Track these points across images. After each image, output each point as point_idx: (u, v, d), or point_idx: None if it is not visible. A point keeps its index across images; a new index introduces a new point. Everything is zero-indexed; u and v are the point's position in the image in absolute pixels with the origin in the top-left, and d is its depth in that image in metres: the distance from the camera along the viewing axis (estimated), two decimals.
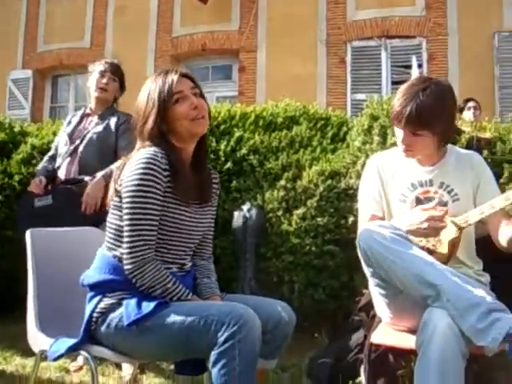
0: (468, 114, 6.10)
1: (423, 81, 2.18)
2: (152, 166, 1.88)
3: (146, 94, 1.99)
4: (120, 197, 1.93)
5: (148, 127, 1.96)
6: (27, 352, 3.01)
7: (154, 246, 1.91)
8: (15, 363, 3.28)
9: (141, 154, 1.91)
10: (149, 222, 1.88)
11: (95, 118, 3.48)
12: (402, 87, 2.20)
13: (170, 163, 1.92)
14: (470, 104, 6.29)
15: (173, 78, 1.99)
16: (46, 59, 11.01)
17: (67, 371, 3.15)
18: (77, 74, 10.89)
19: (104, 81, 3.46)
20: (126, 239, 1.90)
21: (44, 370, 3.11)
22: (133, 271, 1.88)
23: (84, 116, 3.54)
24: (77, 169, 3.37)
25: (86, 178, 3.26)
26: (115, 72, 3.51)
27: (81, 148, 3.38)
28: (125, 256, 1.90)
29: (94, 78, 3.50)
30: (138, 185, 1.87)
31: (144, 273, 1.88)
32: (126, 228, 1.90)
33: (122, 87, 3.58)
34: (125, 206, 1.90)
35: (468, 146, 3.04)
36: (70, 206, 3.04)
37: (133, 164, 1.90)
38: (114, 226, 1.97)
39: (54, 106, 11.32)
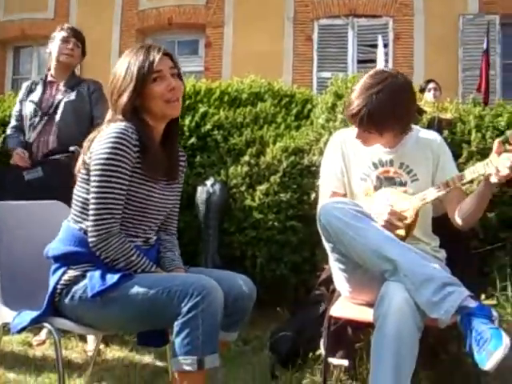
0: (429, 95, 6.22)
1: (379, 81, 2.21)
2: (122, 141, 1.88)
3: (124, 66, 1.97)
4: (88, 169, 1.94)
5: (122, 101, 1.95)
6: None
7: (119, 220, 1.92)
8: None
9: (111, 129, 1.91)
10: (115, 195, 1.90)
11: (62, 86, 3.42)
12: (358, 84, 2.25)
13: (140, 140, 1.93)
14: (431, 85, 6.42)
15: (154, 55, 1.97)
16: (8, 29, 10.74)
17: (30, 345, 3.16)
18: (39, 45, 10.64)
19: (70, 46, 3.39)
20: (91, 212, 1.91)
21: (7, 343, 3.11)
22: (97, 244, 1.90)
23: (47, 84, 3.46)
24: (55, 139, 3.33)
25: (71, 148, 3.22)
26: (78, 38, 3.45)
27: (57, 118, 3.32)
28: (89, 229, 1.91)
29: (56, 44, 3.42)
30: (107, 159, 1.87)
31: (108, 245, 1.90)
32: (92, 201, 1.91)
33: (84, 53, 3.53)
34: (92, 179, 1.91)
35: (429, 126, 3.10)
36: (61, 177, 2.97)
37: (103, 138, 1.90)
38: (80, 199, 1.98)
39: (16, 78, 11.08)
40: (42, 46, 10.43)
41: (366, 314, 2.09)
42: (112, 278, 1.86)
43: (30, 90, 3.48)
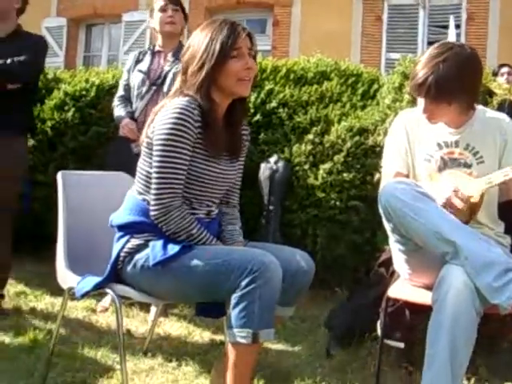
0: (501, 80, 6.00)
1: (444, 50, 2.16)
2: (184, 117, 1.90)
3: (205, 40, 1.96)
4: (151, 143, 1.97)
5: (200, 75, 1.95)
6: (57, 291, 3.12)
7: (180, 195, 1.95)
8: (45, 301, 3.41)
9: (175, 103, 1.93)
10: (177, 170, 1.92)
11: (170, 56, 3.37)
12: (424, 56, 2.20)
13: (203, 116, 1.94)
14: (504, 70, 6.19)
15: (239, 31, 1.97)
16: (81, 8, 10.98)
17: (93, 311, 3.26)
18: (110, 23, 10.89)
19: (169, 14, 3.34)
20: (153, 186, 1.94)
21: (72, 309, 3.23)
22: (158, 217, 1.94)
23: (155, 53, 3.42)
24: None
25: None
26: (176, 2, 3.39)
27: (165, 88, 3.27)
28: (151, 202, 1.95)
29: (156, 15, 3.38)
30: (169, 133, 1.90)
31: (169, 219, 1.93)
32: (153, 175, 1.94)
33: (186, 18, 3.46)
34: (155, 153, 1.94)
35: (499, 109, 3.01)
36: None
37: (166, 112, 1.93)
38: (143, 172, 2.02)
39: (88, 55, 11.35)
40: (113, 24, 10.68)
41: (424, 297, 2.07)
42: (173, 249, 1.90)
43: (138, 60, 3.45)
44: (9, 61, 2.99)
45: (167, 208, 1.93)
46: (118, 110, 3.41)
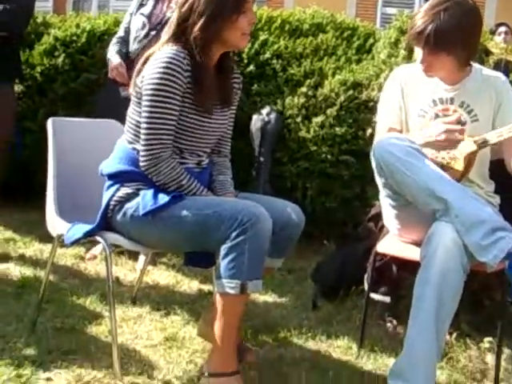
0: (498, 39, 5.94)
1: (446, 0, 2.12)
2: (173, 67, 1.87)
3: None
4: (139, 93, 1.95)
5: (205, 30, 1.90)
6: (46, 238, 3.13)
7: (170, 145, 1.94)
8: (34, 248, 3.41)
9: (163, 53, 1.90)
10: (165, 121, 1.91)
11: (173, 3, 3.24)
12: (424, 6, 2.15)
13: (195, 69, 1.91)
14: (502, 29, 6.12)
15: None
16: None
17: (82, 259, 3.27)
18: None
19: None
20: (142, 137, 1.93)
21: (61, 256, 3.24)
22: (148, 169, 1.93)
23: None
24: None
25: None
26: None
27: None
28: (141, 153, 1.94)
29: None
30: (158, 83, 1.88)
31: (158, 170, 1.92)
32: (142, 125, 1.93)
33: None
34: (143, 103, 1.92)
35: (495, 68, 2.99)
36: None
37: (155, 62, 1.90)
38: (133, 122, 2.00)
39: (77, 0, 11.10)
40: None
41: (412, 253, 2.09)
42: (163, 198, 1.89)
43: (141, 4, 3.38)
44: (0, 7, 2.91)
45: (157, 159, 1.91)
46: (111, 50, 3.36)
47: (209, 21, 1.90)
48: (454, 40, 2.09)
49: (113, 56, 3.33)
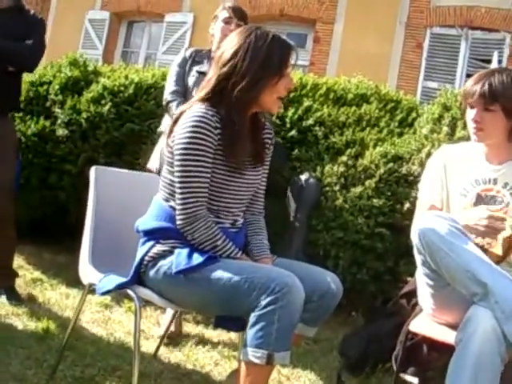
0: None
1: (501, 68, 2.16)
2: (202, 125, 1.88)
3: (261, 54, 1.90)
4: (172, 152, 1.95)
5: (246, 92, 1.90)
6: (72, 282, 3.13)
7: (204, 203, 1.93)
8: (60, 291, 3.40)
9: (192, 112, 1.91)
10: (199, 179, 1.90)
11: None
12: (477, 73, 2.19)
13: (226, 127, 1.91)
14: None
15: (290, 48, 1.95)
16: (124, 3, 11.05)
17: (107, 307, 3.25)
18: (152, 21, 10.95)
19: (232, 28, 3.21)
20: (177, 196, 1.93)
21: (85, 303, 3.20)
22: (184, 227, 1.92)
23: (211, 58, 3.30)
24: None
25: None
26: (241, 17, 3.35)
27: None
28: (177, 212, 1.93)
29: (218, 25, 3.33)
30: (188, 143, 1.88)
31: (194, 229, 1.91)
32: (177, 185, 1.93)
33: None
34: (176, 163, 1.92)
35: None
36: None
37: (184, 121, 1.91)
38: (167, 180, 2.01)
39: (126, 51, 11.42)
40: (154, 22, 10.74)
41: (446, 335, 2.02)
42: (198, 259, 1.88)
43: (194, 60, 3.34)
44: (20, 44, 2.99)
45: (194, 217, 1.91)
46: (175, 105, 3.21)
47: (252, 83, 1.90)
48: (508, 93, 2.11)
49: (173, 109, 3.22)
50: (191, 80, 3.28)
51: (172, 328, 2.87)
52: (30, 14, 3.20)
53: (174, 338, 2.90)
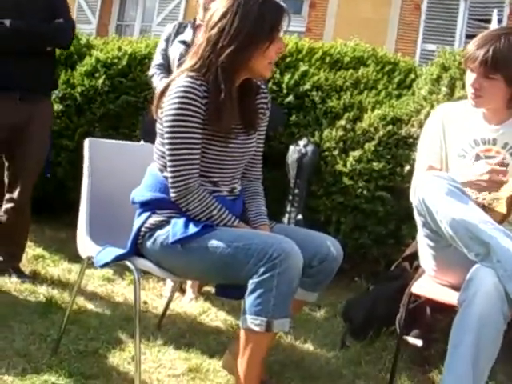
0: None
1: (506, 28, 2.08)
2: (189, 95, 1.84)
3: (252, 16, 1.85)
4: (162, 124, 1.92)
5: (235, 55, 1.85)
6: (74, 258, 3.12)
7: (196, 175, 1.90)
8: (62, 267, 3.40)
9: (179, 83, 1.87)
10: (189, 151, 1.88)
11: None
12: (481, 34, 2.11)
13: (212, 94, 1.86)
14: None
15: (283, 11, 1.89)
16: None
17: (109, 281, 3.25)
18: None
19: None
20: (168, 169, 1.91)
21: (88, 277, 3.22)
22: (177, 199, 1.91)
23: (196, 27, 3.29)
24: None
25: None
26: None
27: None
28: (170, 185, 1.91)
29: None
30: (176, 114, 1.85)
31: (188, 202, 1.90)
32: (167, 158, 1.90)
33: None
34: (165, 135, 1.90)
35: None
36: None
37: (171, 93, 1.87)
38: (159, 152, 1.98)
39: (121, 24, 11.31)
40: None
41: (449, 296, 2.01)
42: (194, 228, 1.86)
43: (178, 32, 3.35)
44: (53, 24, 3.02)
45: (185, 189, 1.89)
46: (157, 79, 3.30)
47: (240, 47, 1.85)
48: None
49: (160, 84, 3.29)
50: (173, 51, 3.28)
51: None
52: None
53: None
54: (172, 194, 1.91)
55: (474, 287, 1.82)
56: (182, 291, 3.16)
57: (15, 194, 3.10)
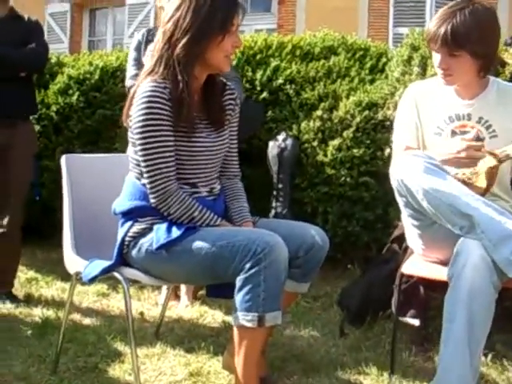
0: None
1: (461, 2, 2.08)
2: (154, 99, 1.84)
3: (204, 8, 1.85)
4: (132, 132, 1.92)
5: (189, 48, 1.85)
6: (67, 277, 3.09)
7: (173, 178, 1.90)
8: (56, 287, 3.41)
9: (143, 89, 1.87)
10: (163, 154, 1.88)
11: None
12: (439, 11, 2.11)
13: (174, 92, 1.86)
14: None
15: (237, 4, 1.90)
16: None
17: (104, 296, 3.25)
18: (114, 7, 10.80)
19: None
20: (145, 175, 1.91)
21: (82, 294, 3.23)
22: (158, 205, 1.91)
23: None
24: None
25: None
26: None
27: None
28: (148, 191, 1.91)
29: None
30: (144, 120, 1.85)
31: (168, 205, 1.90)
32: (142, 165, 1.90)
33: None
34: (137, 143, 1.90)
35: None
36: None
37: (137, 99, 1.87)
38: (134, 161, 1.98)
39: (93, 40, 11.29)
40: (117, 7, 10.59)
41: (439, 273, 2.01)
42: (176, 231, 1.86)
43: (148, 40, 3.28)
44: (24, 49, 3.05)
45: (164, 194, 1.89)
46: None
47: (194, 39, 1.86)
48: (473, 37, 2.02)
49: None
50: (146, 59, 3.18)
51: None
52: (26, 20, 3.23)
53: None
54: (152, 200, 1.91)
55: (462, 261, 1.82)
56: (178, 298, 3.16)
57: (4, 221, 3.09)
